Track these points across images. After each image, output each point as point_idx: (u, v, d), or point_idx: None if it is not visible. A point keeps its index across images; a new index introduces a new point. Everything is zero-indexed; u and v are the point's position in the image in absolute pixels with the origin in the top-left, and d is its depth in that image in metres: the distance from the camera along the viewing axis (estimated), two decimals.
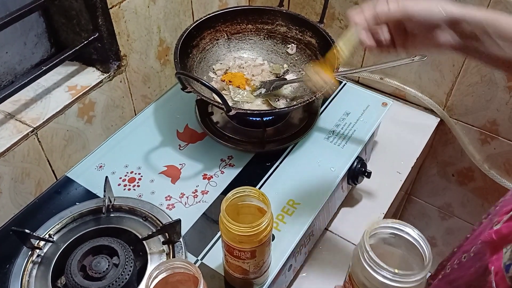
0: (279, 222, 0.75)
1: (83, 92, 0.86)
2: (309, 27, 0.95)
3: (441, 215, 1.40)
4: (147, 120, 0.93)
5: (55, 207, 0.77)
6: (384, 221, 0.56)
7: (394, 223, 0.56)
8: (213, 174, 0.83)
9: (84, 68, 0.91)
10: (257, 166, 0.84)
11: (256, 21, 0.99)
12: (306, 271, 0.86)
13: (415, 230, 0.55)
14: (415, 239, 0.54)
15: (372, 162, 1.03)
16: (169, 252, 0.70)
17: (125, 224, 0.74)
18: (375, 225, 0.55)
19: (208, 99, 0.79)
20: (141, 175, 0.83)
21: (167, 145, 0.88)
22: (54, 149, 0.85)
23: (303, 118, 0.92)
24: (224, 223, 0.58)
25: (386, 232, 0.56)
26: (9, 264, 0.69)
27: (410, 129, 1.12)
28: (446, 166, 1.26)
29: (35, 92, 0.84)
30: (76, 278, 0.64)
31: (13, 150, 0.76)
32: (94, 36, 0.85)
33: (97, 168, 0.84)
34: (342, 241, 0.91)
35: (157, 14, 0.96)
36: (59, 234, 0.73)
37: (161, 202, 0.78)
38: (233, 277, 0.66)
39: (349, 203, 0.97)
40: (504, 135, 1.10)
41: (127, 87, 0.96)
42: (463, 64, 1.05)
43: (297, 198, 0.79)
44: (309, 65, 0.76)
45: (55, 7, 0.85)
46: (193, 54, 0.93)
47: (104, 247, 0.68)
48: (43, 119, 0.80)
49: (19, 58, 0.85)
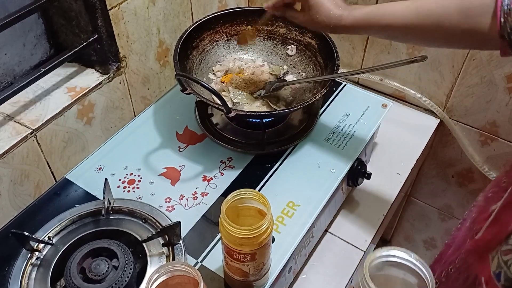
0: (279, 224, 0.75)
1: (82, 94, 0.86)
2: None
3: (441, 216, 1.39)
4: (147, 121, 0.92)
5: (55, 209, 0.77)
6: (382, 251, 0.54)
7: (390, 250, 0.54)
8: (212, 176, 0.83)
9: (83, 69, 0.91)
10: (257, 167, 0.84)
11: (256, 22, 0.99)
12: (306, 273, 0.86)
13: (411, 254, 0.53)
14: (414, 263, 0.53)
15: (372, 163, 1.02)
16: (168, 255, 0.70)
17: (124, 226, 0.74)
18: (373, 255, 0.54)
19: (207, 100, 0.79)
20: (141, 177, 0.82)
21: (167, 146, 0.88)
22: (53, 150, 0.84)
23: (303, 120, 0.92)
24: (224, 225, 0.58)
25: (386, 260, 0.55)
26: (8, 267, 0.68)
27: (410, 130, 1.12)
28: (446, 167, 1.26)
29: (34, 93, 0.84)
30: (76, 281, 0.63)
31: (12, 152, 0.76)
32: (93, 37, 0.84)
33: (97, 170, 0.84)
34: (342, 242, 0.91)
35: (156, 16, 0.95)
36: (58, 237, 0.72)
37: (160, 204, 0.78)
38: (233, 279, 0.66)
39: (349, 204, 0.97)
40: (504, 136, 1.10)
41: (126, 89, 0.96)
42: (462, 65, 1.05)
43: (297, 199, 0.79)
44: None
45: (54, 8, 0.85)
46: (192, 56, 0.93)
47: (103, 250, 0.68)
48: (42, 120, 0.80)
49: (18, 60, 0.85)
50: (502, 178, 0.63)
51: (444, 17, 0.62)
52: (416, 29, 0.66)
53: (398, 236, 1.58)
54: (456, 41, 0.66)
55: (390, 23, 0.67)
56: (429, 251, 1.53)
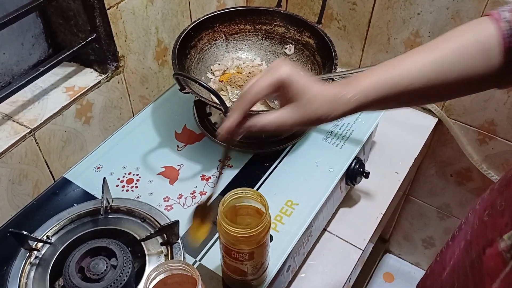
0: (278, 223, 0.75)
1: (80, 93, 0.86)
2: (307, 27, 0.95)
3: (440, 215, 1.40)
4: (145, 121, 0.92)
5: (53, 209, 0.77)
6: None
7: None
8: (211, 175, 0.83)
9: (81, 69, 0.91)
10: (255, 167, 0.84)
11: (254, 22, 0.99)
12: (305, 272, 0.86)
13: None
14: None
15: (370, 162, 1.03)
16: (167, 253, 0.70)
17: (123, 225, 0.74)
18: None
19: (206, 100, 0.79)
20: (139, 176, 0.82)
21: (165, 146, 0.88)
22: (52, 150, 0.84)
23: None
24: (222, 224, 0.58)
25: None
26: (6, 266, 0.68)
27: (408, 129, 1.13)
28: (444, 166, 1.27)
29: (33, 93, 0.84)
30: (74, 280, 0.64)
31: (10, 151, 0.76)
32: (91, 37, 0.84)
33: (95, 169, 0.84)
34: (340, 241, 0.91)
35: (155, 15, 0.95)
36: (57, 236, 0.73)
37: (159, 203, 0.78)
38: (231, 278, 0.66)
39: (347, 203, 0.97)
40: (502, 135, 1.10)
41: (125, 88, 0.96)
42: None
43: (295, 198, 0.79)
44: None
45: (52, 8, 0.85)
46: (191, 55, 0.93)
47: (102, 249, 0.68)
48: (41, 120, 0.80)
49: (16, 59, 0.85)
50: (497, 200, 0.60)
51: (470, 64, 0.52)
52: (438, 87, 0.54)
53: (397, 235, 1.58)
54: (479, 86, 0.56)
55: (407, 88, 0.53)
56: (428, 250, 1.53)
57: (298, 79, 0.52)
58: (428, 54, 0.53)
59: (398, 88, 0.53)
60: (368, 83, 0.53)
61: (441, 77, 0.53)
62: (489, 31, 0.52)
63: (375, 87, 0.53)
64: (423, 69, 0.53)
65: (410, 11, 1.02)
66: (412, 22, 1.04)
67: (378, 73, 0.53)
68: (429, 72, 0.52)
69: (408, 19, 1.04)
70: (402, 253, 1.64)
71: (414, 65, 0.53)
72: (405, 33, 1.06)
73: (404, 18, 1.04)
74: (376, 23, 1.08)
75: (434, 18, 1.01)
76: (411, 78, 0.52)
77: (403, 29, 1.06)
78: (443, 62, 0.52)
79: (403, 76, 0.53)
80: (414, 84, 0.52)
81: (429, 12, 1.01)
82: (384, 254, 1.66)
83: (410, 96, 0.54)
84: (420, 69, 0.53)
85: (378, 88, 0.53)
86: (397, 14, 1.04)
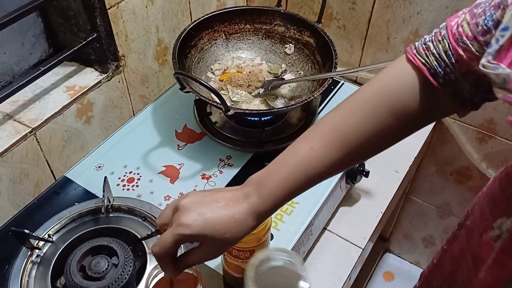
0: (278, 221, 0.75)
1: (81, 93, 0.86)
2: (307, 27, 0.95)
3: (439, 214, 1.40)
4: (146, 120, 0.93)
5: (54, 208, 0.77)
6: None
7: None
8: (211, 174, 0.83)
9: (82, 68, 0.91)
10: (255, 166, 0.84)
11: (254, 21, 0.99)
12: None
13: None
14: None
15: (370, 161, 1.02)
16: None
17: (124, 224, 0.74)
18: None
19: (206, 99, 0.79)
20: (140, 175, 0.83)
21: (166, 145, 0.88)
22: (53, 149, 0.85)
23: (301, 118, 0.92)
24: None
25: None
26: (8, 265, 0.69)
27: None
28: (444, 165, 1.27)
29: (33, 92, 0.84)
30: (76, 278, 0.64)
31: (11, 150, 0.76)
32: (92, 36, 0.85)
33: (96, 168, 0.84)
34: (340, 240, 0.91)
35: (155, 15, 0.96)
36: (58, 235, 0.73)
37: (160, 202, 0.78)
38: (232, 276, 0.66)
39: (347, 202, 0.97)
40: (502, 134, 1.10)
41: (125, 88, 0.96)
42: None
43: (296, 197, 0.79)
44: None
45: (53, 8, 0.85)
46: (191, 54, 0.94)
47: (103, 247, 0.68)
48: (42, 119, 0.80)
49: (17, 59, 0.85)
50: (496, 190, 0.61)
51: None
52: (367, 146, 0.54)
53: (397, 234, 1.58)
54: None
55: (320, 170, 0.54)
56: (428, 249, 1.54)
57: (198, 230, 0.48)
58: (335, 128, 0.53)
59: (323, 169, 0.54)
60: (277, 183, 0.54)
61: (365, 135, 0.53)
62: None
63: (284, 185, 0.54)
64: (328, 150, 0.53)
65: (410, 10, 1.03)
66: (412, 21, 1.04)
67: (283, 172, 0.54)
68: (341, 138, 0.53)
69: (408, 18, 1.04)
70: (402, 252, 1.64)
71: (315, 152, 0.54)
72: (404, 32, 1.06)
73: (403, 17, 1.04)
74: (375, 23, 1.08)
75: (434, 17, 1.01)
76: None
77: (402, 28, 1.06)
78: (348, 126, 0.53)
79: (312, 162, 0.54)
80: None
81: (429, 11, 1.01)
82: (384, 253, 1.66)
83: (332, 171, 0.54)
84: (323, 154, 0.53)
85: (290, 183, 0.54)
86: (397, 13, 1.04)
